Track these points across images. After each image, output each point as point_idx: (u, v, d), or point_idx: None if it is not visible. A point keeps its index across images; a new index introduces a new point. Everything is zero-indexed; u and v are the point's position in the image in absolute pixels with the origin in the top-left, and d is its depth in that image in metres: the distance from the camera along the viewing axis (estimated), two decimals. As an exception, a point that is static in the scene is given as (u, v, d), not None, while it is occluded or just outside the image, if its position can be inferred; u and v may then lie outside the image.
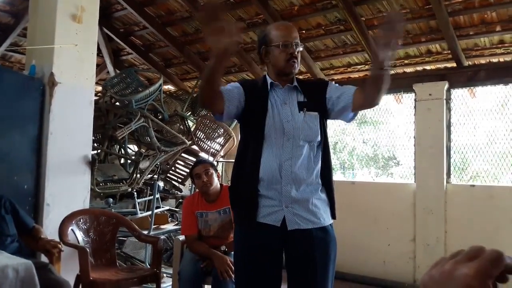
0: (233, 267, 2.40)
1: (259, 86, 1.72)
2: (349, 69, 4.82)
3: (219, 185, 2.75)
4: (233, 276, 2.39)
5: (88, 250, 2.44)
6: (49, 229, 2.97)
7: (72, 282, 2.31)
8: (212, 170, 2.72)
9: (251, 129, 1.66)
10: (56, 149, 3.33)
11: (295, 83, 1.71)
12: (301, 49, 1.69)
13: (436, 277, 0.44)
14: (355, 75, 4.83)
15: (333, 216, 1.70)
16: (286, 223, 1.59)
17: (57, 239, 2.47)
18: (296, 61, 1.67)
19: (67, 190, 3.34)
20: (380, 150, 6.85)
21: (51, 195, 3.25)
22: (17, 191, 3.05)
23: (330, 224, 1.67)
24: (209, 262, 2.50)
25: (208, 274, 2.51)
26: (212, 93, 1.55)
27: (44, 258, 2.48)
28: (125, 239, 3.93)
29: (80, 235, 2.70)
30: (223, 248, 2.54)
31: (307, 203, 1.62)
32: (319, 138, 1.67)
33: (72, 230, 2.68)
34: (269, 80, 1.71)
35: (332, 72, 4.89)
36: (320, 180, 1.67)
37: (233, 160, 4.77)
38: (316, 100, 1.69)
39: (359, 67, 4.72)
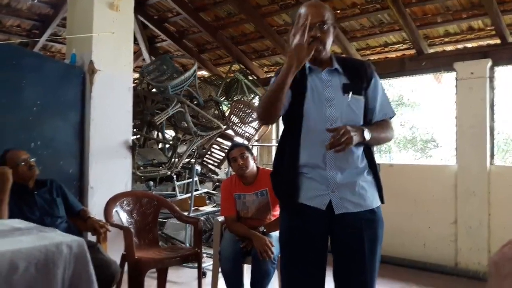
0: (272, 248, 2.44)
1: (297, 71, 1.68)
2: (386, 49, 4.69)
3: (255, 168, 2.78)
4: (272, 256, 2.43)
5: (132, 230, 2.53)
6: (94, 211, 3.08)
7: (117, 261, 2.40)
8: (247, 154, 2.74)
9: (291, 115, 1.62)
10: (98, 134, 3.45)
11: (335, 66, 1.63)
12: (332, 30, 1.62)
13: (509, 255, 0.44)
14: (392, 54, 4.69)
15: (381, 199, 1.66)
16: (333, 207, 1.57)
17: (103, 220, 2.57)
18: (319, 44, 1.57)
19: (109, 174, 3.47)
20: (419, 132, 6.68)
21: (95, 178, 3.39)
22: (63, 175, 3.19)
23: (377, 207, 1.64)
24: (249, 242, 2.54)
25: (248, 254, 2.56)
26: (278, 109, 1.56)
27: (91, 239, 2.60)
28: (165, 220, 4.05)
29: (124, 216, 2.81)
30: (261, 229, 2.57)
31: (354, 186, 1.59)
32: (362, 122, 1.63)
33: (116, 211, 2.78)
34: (307, 64, 1.67)
35: (368, 52, 4.78)
36: (365, 163, 1.64)
37: (268, 144, 4.75)
38: (359, 84, 1.63)
39: (396, 46, 4.59)
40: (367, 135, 1.53)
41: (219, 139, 5.11)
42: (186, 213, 3.30)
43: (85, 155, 3.39)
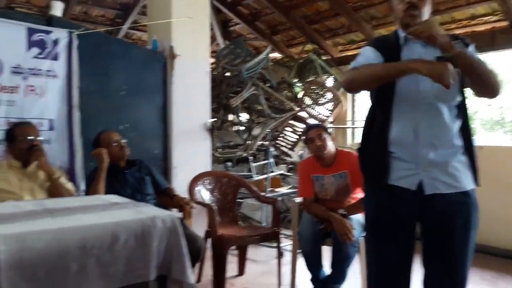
0: (352, 231, 2.39)
1: (391, 42, 1.60)
2: (473, 22, 4.31)
3: (334, 150, 2.72)
4: (353, 239, 2.38)
5: (214, 208, 2.62)
6: (177, 190, 3.26)
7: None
8: (325, 135, 2.70)
9: (381, 89, 1.55)
10: (180, 117, 3.60)
11: None
12: None
13: None
14: (480, 28, 4.30)
15: (476, 182, 1.54)
16: (423, 187, 1.49)
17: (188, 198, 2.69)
18: (417, 11, 1.49)
19: (191, 155, 3.62)
20: (508, 113, 6.12)
21: (178, 159, 3.56)
22: (149, 156, 3.38)
23: (472, 189, 1.53)
24: (328, 224, 2.51)
25: (327, 235, 2.53)
26: (372, 87, 1.55)
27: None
28: (242, 201, 4.15)
29: (206, 195, 2.92)
30: (342, 211, 2.52)
31: (447, 166, 1.49)
32: (458, 98, 1.52)
33: (198, 190, 2.90)
34: (401, 34, 1.58)
35: (453, 26, 4.42)
36: (460, 142, 1.52)
37: (343, 126, 4.62)
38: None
39: (485, 18, 4.19)
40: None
41: (292, 122, 5.08)
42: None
43: (168, 137, 3.57)
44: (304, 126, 4.83)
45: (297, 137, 4.81)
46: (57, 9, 3.00)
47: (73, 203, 1.74)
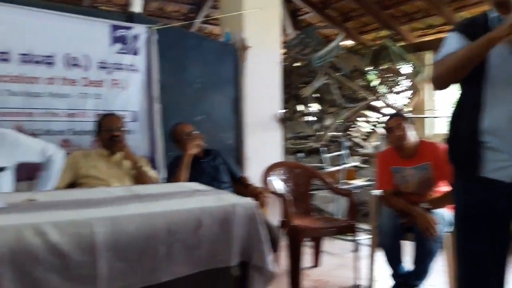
0: (436, 225, 2.25)
1: (479, 24, 1.45)
2: None
3: (415, 140, 2.57)
4: (436, 234, 2.24)
5: (289, 198, 2.60)
6: (251, 180, 3.29)
7: (275, 227, 2.51)
8: (405, 124, 2.55)
9: (471, 74, 1.41)
10: (252, 108, 3.63)
11: None
12: None
13: None
14: None
15: None
16: None
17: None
18: None
19: (263, 145, 3.64)
20: None
21: (250, 149, 3.59)
22: (222, 146, 3.43)
23: None
24: (410, 219, 2.39)
25: (408, 230, 2.41)
26: (462, 75, 1.42)
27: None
28: (314, 192, 4.10)
29: (279, 185, 2.91)
30: (425, 205, 2.38)
31: None
32: None
33: (271, 180, 2.90)
34: (491, 15, 1.43)
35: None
36: None
37: (421, 115, 4.34)
38: None
39: None
40: None
41: (366, 111, 4.91)
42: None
43: (241, 127, 3.61)
44: (378, 116, 4.66)
45: (371, 127, 4.65)
46: (137, 6, 3.14)
47: (158, 189, 1.81)
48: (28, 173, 2.32)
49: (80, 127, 2.75)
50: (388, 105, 4.55)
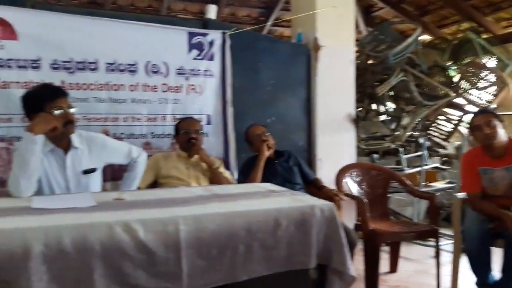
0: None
1: None
2: None
3: (506, 139, 2.36)
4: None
5: (365, 201, 2.52)
6: (323, 181, 3.25)
7: (349, 231, 2.44)
8: (495, 121, 2.35)
9: None
10: (323, 108, 3.57)
11: None
12: None
13: None
14: None
15: None
16: None
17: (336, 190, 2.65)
18: None
19: (335, 146, 3.57)
20: None
21: (322, 151, 3.54)
22: (294, 147, 3.41)
23: None
24: (499, 224, 2.20)
25: (498, 236, 2.22)
26: None
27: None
28: (389, 196, 3.93)
29: (354, 187, 2.83)
30: (517, 209, 2.18)
31: None
32: None
33: (345, 182, 2.83)
34: None
35: None
36: None
37: (509, 112, 3.95)
38: None
39: None
40: None
41: (446, 109, 4.61)
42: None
43: (312, 128, 3.57)
44: (460, 114, 4.35)
45: (453, 126, 4.36)
46: (212, 12, 3.24)
47: (235, 190, 1.85)
48: (112, 174, 2.50)
49: (160, 131, 2.90)
50: (471, 102, 4.23)
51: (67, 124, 1.88)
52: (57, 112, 1.84)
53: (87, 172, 1.99)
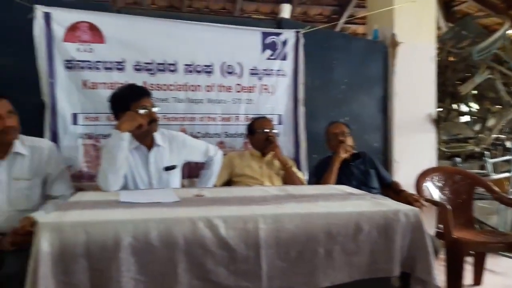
0: None
1: None
2: None
3: None
4: None
5: (448, 207, 2.35)
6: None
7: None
8: None
9: None
10: (401, 108, 3.41)
11: None
12: None
13: None
14: None
15: None
16: None
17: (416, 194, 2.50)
18: None
19: (413, 148, 3.39)
20: None
21: (399, 152, 3.37)
22: (368, 148, 3.28)
23: None
24: None
25: None
26: None
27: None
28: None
29: (435, 192, 2.66)
30: None
31: None
32: None
33: (426, 186, 2.67)
34: None
35: None
36: None
37: None
38: None
39: None
40: None
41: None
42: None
43: (389, 129, 3.42)
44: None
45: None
46: (286, 12, 3.22)
47: (311, 190, 1.81)
48: (189, 171, 2.58)
49: (233, 130, 2.94)
50: None
51: (151, 122, 1.97)
52: (142, 111, 1.93)
53: (168, 168, 2.07)
